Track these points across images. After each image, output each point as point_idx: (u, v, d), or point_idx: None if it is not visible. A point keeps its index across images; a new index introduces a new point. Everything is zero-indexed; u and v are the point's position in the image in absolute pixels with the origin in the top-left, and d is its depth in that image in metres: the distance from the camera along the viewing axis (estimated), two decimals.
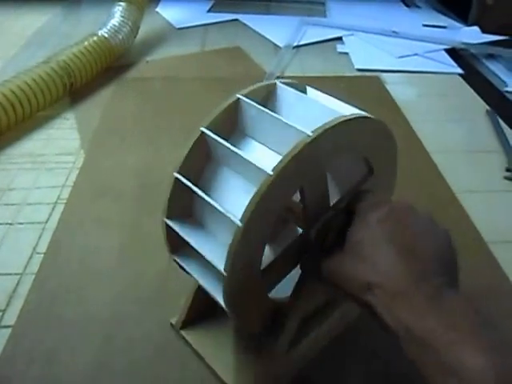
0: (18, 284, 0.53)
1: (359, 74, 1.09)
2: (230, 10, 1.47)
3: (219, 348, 0.44)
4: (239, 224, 0.29)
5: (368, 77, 1.07)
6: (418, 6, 1.62)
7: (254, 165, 0.31)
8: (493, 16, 1.37)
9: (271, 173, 0.29)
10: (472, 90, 1.04)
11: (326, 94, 0.39)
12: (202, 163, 0.36)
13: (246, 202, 0.29)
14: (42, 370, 0.44)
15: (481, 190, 0.72)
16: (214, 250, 0.33)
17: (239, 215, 0.30)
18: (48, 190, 0.68)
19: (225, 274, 0.31)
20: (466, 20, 1.45)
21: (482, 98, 1.00)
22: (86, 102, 0.93)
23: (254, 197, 0.29)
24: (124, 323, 0.48)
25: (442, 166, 0.76)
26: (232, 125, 0.36)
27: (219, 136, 0.34)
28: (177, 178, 0.35)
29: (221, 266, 0.31)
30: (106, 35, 1.00)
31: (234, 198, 0.33)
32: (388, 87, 1.02)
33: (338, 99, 0.38)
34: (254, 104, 0.35)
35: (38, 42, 1.23)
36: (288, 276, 0.37)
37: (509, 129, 0.88)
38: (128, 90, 0.98)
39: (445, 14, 1.52)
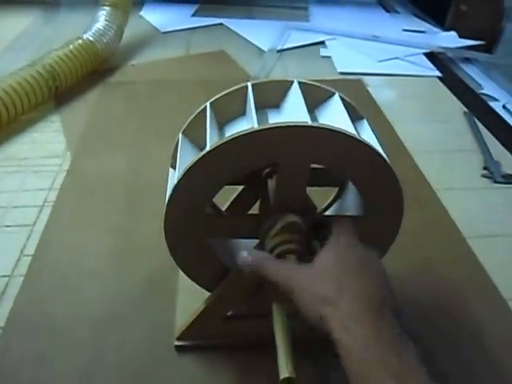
0: (6, 286, 0.53)
1: (342, 77, 1.12)
2: (215, 15, 1.48)
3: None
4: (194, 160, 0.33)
5: (350, 80, 1.10)
6: (397, 12, 1.66)
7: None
8: (467, 21, 1.42)
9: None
10: (450, 92, 1.07)
11: None
12: None
13: None
14: (34, 370, 0.44)
15: (459, 188, 0.75)
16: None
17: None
18: (35, 193, 0.68)
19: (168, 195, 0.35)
20: (442, 24, 1.50)
21: (459, 99, 1.04)
22: (72, 105, 0.93)
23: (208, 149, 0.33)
24: (115, 322, 0.49)
25: (422, 165, 0.78)
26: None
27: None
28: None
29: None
30: (91, 39, 1.00)
31: None
32: (370, 90, 1.05)
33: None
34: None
35: (19, 45, 1.22)
36: None
37: (485, 129, 0.91)
38: (114, 94, 0.98)
39: (423, 20, 1.56)
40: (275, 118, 0.38)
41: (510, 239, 0.65)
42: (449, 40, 1.36)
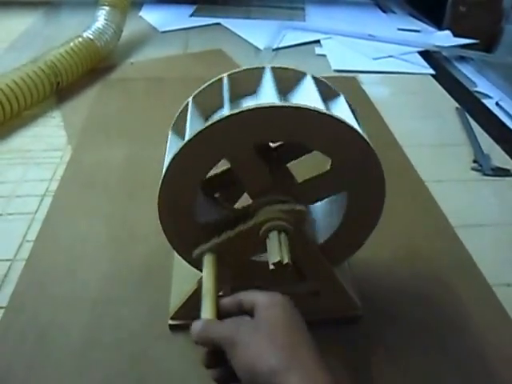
0: (9, 269, 0.55)
1: (336, 74, 1.14)
2: (213, 15, 1.51)
3: None
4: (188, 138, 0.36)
5: (345, 77, 1.12)
6: (393, 12, 1.69)
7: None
8: (466, 22, 1.44)
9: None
10: (443, 90, 1.09)
11: None
12: None
13: None
14: (35, 346, 0.46)
15: (449, 180, 0.77)
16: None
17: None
18: (36, 183, 0.70)
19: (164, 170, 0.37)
20: (438, 24, 1.52)
21: (452, 96, 1.06)
22: (72, 101, 0.95)
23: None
24: (112, 303, 0.51)
25: (414, 159, 0.81)
26: None
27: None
28: None
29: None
30: (92, 37, 1.03)
31: None
32: (364, 87, 1.07)
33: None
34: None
35: (21, 44, 1.25)
36: None
37: (476, 125, 0.93)
38: (113, 90, 1.00)
39: (419, 19, 1.59)
40: (248, 103, 0.40)
41: (497, 229, 0.67)
42: (443, 39, 1.39)
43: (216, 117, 0.35)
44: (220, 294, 0.46)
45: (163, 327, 0.48)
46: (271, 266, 0.36)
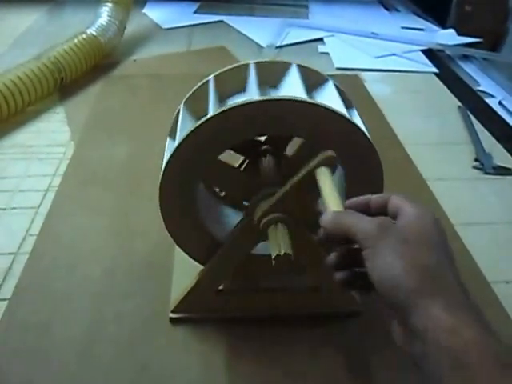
0: (12, 262, 0.56)
1: (339, 72, 1.14)
2: (216, 12, 1.51)
3: None
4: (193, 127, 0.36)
5: (347, 75, 1.12)
6: (397, 10, 1.68)
7: None
8: (471, 22, 1.44)
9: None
10: (446, 88, 1.09)
11: None
12: None
13: None
14: (36, 338, 0.47)
15: (450, 178, 0.77)
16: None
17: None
18: (39, 179, 0.71)
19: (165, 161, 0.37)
20: (442, 23, 1.52)
21: (454, 95, 1.06)
22: (75, 97, 0.96)
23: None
24: (113, 296, 0.52)
25: (415, 157, 0.81)
26: None
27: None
28: None
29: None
30: (95, 33, 1.04)
31: None
32: (366, 85, 1.07)
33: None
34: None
35: (26, 41, 1.26)
36: None
37: (478, 123, 0.93)
38: (116, 87, 1.01)
39: (423, 18, 1.58)
40: (274, 94, 0.40)
41: (497, 227, 0.67)
42: (447, 37, 1.38)
43: (199, 121, 0.36)
44: (220, 288, 0.47)
45: (163, 320, 0.49)
46: (273, 262, 0.36)
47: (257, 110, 0.36)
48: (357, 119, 0.41)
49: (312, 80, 0.42)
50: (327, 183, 0.34)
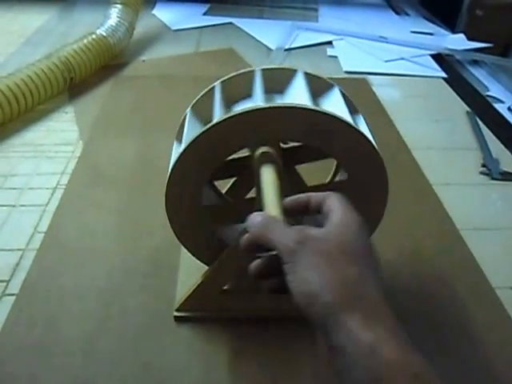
0: (21, 258, 0.57)
1: (347, 76, 1.14)
2: (225, 14, 1.52)
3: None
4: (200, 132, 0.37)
5: (355, 79, 1.12)
6: (407, 14, 1.68)
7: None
8: (482, 26, 1.43)
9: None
10: (454, 93, 1.09)
11: None
12: None
13: None
14: (43, 332, 0.47)
15: (457, 183, 0.77)
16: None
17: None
18: (48, 177, 0.72)
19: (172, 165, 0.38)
20: (452, 27, 1.51)
21: (463, 100, 1.06)
22: (85, 97, 0.97)
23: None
24: (119, 294, 0.52)
25: (422, 161, 0.81)
26: None
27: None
28: None
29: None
30: (104, 34, 1.05)
31: None
32: (374, 89, 1.07)
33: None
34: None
35: (36, 40, 1.27)
36: None
37: (486, 129, 0.93)
38: (124, 87, 1.02)
39: (433, 22, 1.58)
40: (279, 101, 0.41)
41: (502, 232, 0.67)
42: (457, 42, 1.38)
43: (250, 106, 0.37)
44: (225, 288, 0.48)
45: (168, 318, 0.49)
46: None
47: (262, 117, 0.36)
48: (362, 126, 0.41)
49: (318, 87, 0.42)
50: (267, 182, 0.34)
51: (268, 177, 0.35)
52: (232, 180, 0.49)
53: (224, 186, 0.49)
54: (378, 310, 0.25)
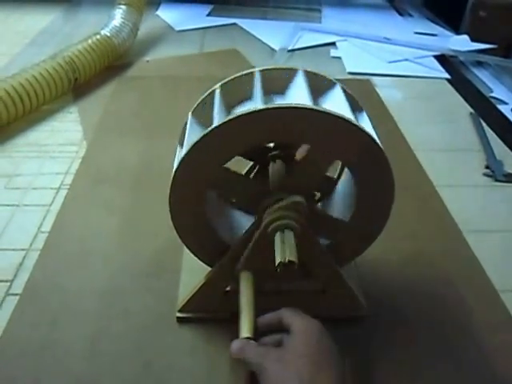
0: (24, 258, 0.57)
1: (351, 77, 1.14)
2: (229, 15, 1.52)
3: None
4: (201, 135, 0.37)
5: (359, 80, 1.12)
6: (410, 15, 1.68)
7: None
8: (485, 27, 1.43)
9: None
10: (458, 95, 1.09)
11: None
12: None
13: None
14: (46, 333, 0.48)
15: (460, 185, 0.77)
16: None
17: None
18: (52, 177, 0.72)
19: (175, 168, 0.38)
20: (456, 29, 1.51)
21: (466, 101, 1.05)
22: (89, 97, 0.97)
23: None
24: (121, 295, 0.52)
25: (425, 163, 0.80)
26: None
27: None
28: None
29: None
30: (109, 34, 1.05)
31: None
32: (378, 90, 1.07)
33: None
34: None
35: (41, 41, 1.28)
36: None
37: (490, 130, 0.93)
38: (128, 88, 1.02)
39: (436, 23, 1.58)
40: (279, 102, 0.41)
41: (506, 234, 0.67)
42: (460, 43, 1.37)
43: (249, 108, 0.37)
44: (227, 289, 0.48)
45: (171, 319, 0.49)
46: (277, 269, 0.37)
47: (261, 119, 0.36)
48: (365, 123, 0.41)
49: (319, 85, 0.42)
50: (244, 302, 0.39)
51: (244, 299, 0.39)
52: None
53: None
54: None
